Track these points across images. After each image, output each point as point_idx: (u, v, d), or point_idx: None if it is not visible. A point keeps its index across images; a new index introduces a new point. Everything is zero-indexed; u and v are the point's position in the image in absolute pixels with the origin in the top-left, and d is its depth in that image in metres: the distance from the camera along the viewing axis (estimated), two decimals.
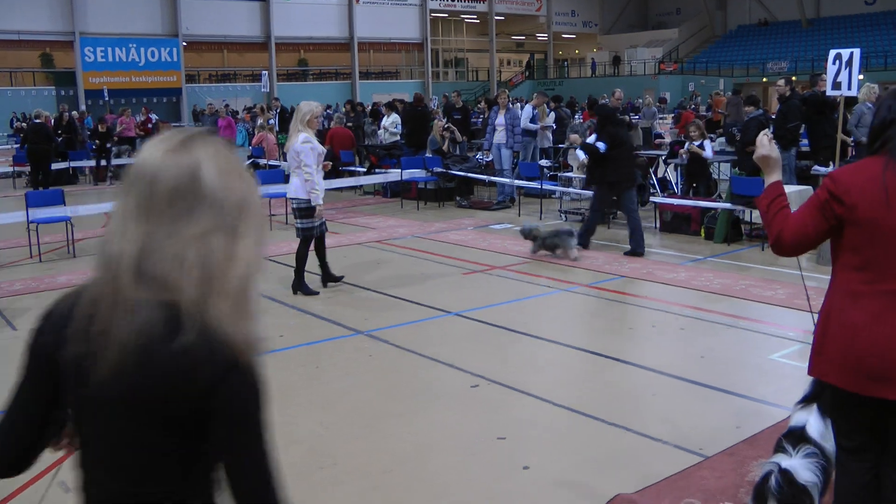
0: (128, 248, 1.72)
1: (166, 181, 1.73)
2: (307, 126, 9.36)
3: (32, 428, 1.94)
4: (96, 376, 1.74)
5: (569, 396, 6.26)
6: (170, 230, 1.72)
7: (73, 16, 45.00)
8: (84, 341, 1.75)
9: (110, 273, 1.74)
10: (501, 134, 16.63)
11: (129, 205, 1.75)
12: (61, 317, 1.83)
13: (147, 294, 1.71)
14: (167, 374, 1.71)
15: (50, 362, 1.84)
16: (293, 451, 5.45)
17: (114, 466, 1.82)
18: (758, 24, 61.77)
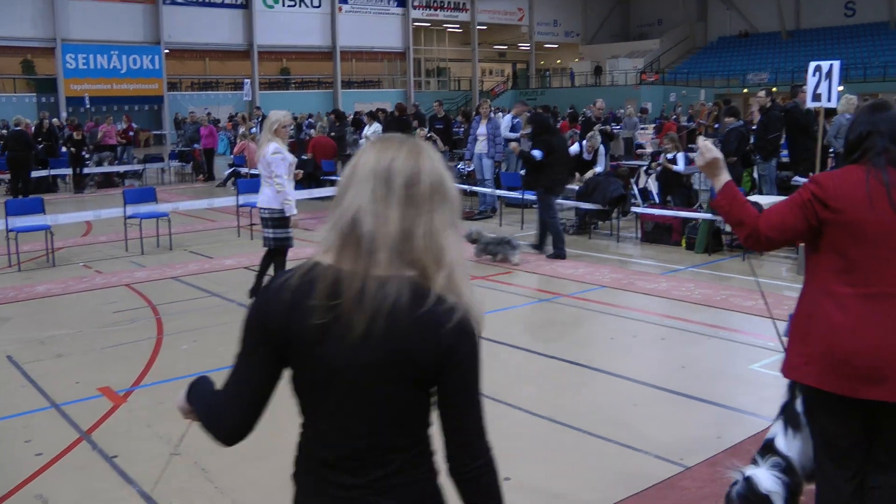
0: (385, 230, 2.01)
1: (410, 174, 2.05)
2: (276, 135, 9.31)
3: (258, 396, 2.21)
4: (346, 343, 2.01)
5: (550, 407, 6.27)
6: (413, 216, 2.02)
7: (54, 22, 44.79)
8: (329, 312, 2.01)
9: (364, 250, 2.01)
10: (483, 144, 16.64)
11: (377, 193, 2.03)
12: (286, 292, 2.08)
13: (396, 270, 2.00)
14: (414, 338, 2.00)
15: (273, 334, 2.10)
16: (274, 460, 5.42)
17: (360, 422, 2.08)
18: (738, 36, 62.16)
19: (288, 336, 2.08)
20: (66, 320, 9.40)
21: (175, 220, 14.67)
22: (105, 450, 5.69)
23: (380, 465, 2.11)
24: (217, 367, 7.39)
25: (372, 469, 2.11)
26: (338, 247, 2.07)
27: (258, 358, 2.16)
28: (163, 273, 11.80)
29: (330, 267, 2.06)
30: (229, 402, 2.24)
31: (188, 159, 27.51)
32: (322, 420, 2.17)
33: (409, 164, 2.06)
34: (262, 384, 2.18)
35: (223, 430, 2.26)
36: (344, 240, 2.05)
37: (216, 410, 2.28)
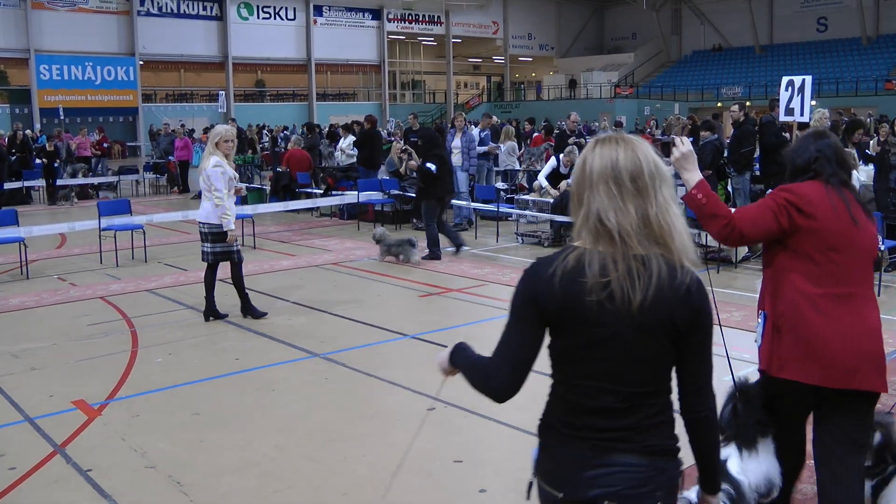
0: (627, 220, 2.45)
1: (632, 169, 2.49)
2: (217, 149, 9.28)
3: (525, 358, 2.66)
4: (623, 311, 2.44)
5: (526, 419, 6.24)
6: (645, 203, 2.47)
7: (28, 33, 44.60)
8: (603, 288, 2.43)
9: (617, 238, 2.45)
10: (457, 157, 16.69)
11: (611, 192, 2.47)
12: (556, 274, 2.49)
13: (646, 249, 2.46)
14: (675, 303, 2.47)
15: (544, 308, 2.53)
16: (248, 473, 5.44)
17: (630, 375, 2.52)
18: (712, 50, 62.70)
19: (562, 310, 2.50)
20: (39, 333, 9.34)
21: (150, 233, 14.62)
22: (79, 463, 5.66)
23: (641, 409, 2.55)
24: (192, 380, 7.42)
25: (635, 413, 2.54)
26: (592, 240, 2.50)
27: (527, 326, 2.60)
28: (137, 286, 11.75)
29: (594, 251, 2.48)
30: (501, 363, 2.71)
31: (163, 171, 27.42)
32: (592, 377, 2.55)
33: (629, 160, 2.50)
34: (529, 348, 2.64)
35: (496, 389, 2.75)
36: (596, 234, 2.48)
37: (487, 371, 2.77)
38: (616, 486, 2.51)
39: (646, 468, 2.53)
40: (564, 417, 2.70)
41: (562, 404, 2.72)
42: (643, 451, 2.54)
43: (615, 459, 2.53)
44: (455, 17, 62.12)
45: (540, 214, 14.90)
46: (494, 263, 12.93)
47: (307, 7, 54.76)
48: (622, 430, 2.53)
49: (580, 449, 2.59)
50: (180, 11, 50.25)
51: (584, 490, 2.55)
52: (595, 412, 2.57)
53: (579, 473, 2.57)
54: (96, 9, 47.15)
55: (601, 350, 2.51)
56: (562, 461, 2.68)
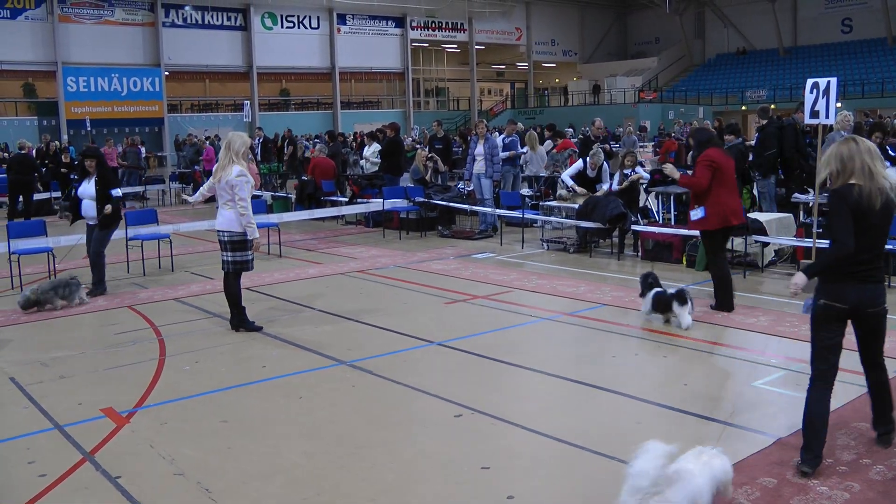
0: (876, 170, 5.20)
1: (870, 147, 5.29)
2: (241, 159, 9.32)
3: (852, 234, 5.15)
4: (878, 210, 5.17)
5: (552, 425, 6.27)
6: (876, 163, 5.23)
7: (55, 46, 45.02)
8: (871, 199, 5.13)
9: (873, 178, 5.16)
10: (481, 163, 16.69)
11: (867, 157, 5.19)
12: (856, 193, 5.15)
13: (881, 183, 5.19)
14: (891, 205, 5.27)
15: (851, 209, 5.13)
16: (276, 480, 5.44)
17: (877, 242, 5.29)
18: (736, 53, 62.40)
19: (858, 208, 5.11)
20: (68, 342, 9.41)
21: (176, 242, 14.72)
22: (108, 470, 5.69)
23: (879, 260, 5.32)
24: (219, 388, 7.44)
25: (876, 262, 5.29)
26: (865, 179, 5.14)
27: (848, 217, 5.10)
28: (164, 294, 11.82)
29: (865, 185, 5.15)
30: (845, 237, 5.11)
31: (189, 181, 27.57)
32: (861, 247, 5.13)
33: (865, 144, 5.25)
34: (849, 228, 5.11)
35: (847, 250, 5.11)
36: (866, 177, 5.15)
37: (839, 248, 5.13)
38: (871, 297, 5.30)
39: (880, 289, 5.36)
40: (848, 267, 5.18)
41: (846, 259, 5.13)
42: (877, 281, 5.32)
43: (868, 287, 5.27)
44: (478, 24, 62.16)
45: (565, 220, 14.86)
46: (520, 270, 12.91)
47: (331, 16, 54.96)
48: (872, 272, 5.26)
49: (855, 281, 5.22)
50: (205, 22, 50.56)
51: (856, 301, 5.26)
52: (860, 263, 5.19)
53: (855, 293, 5.24)
54: (122, 21, 47.54)
55: (870, 231, 5.16)
56: (843, 288, 5.24)
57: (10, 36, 43.90)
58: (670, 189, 15.30)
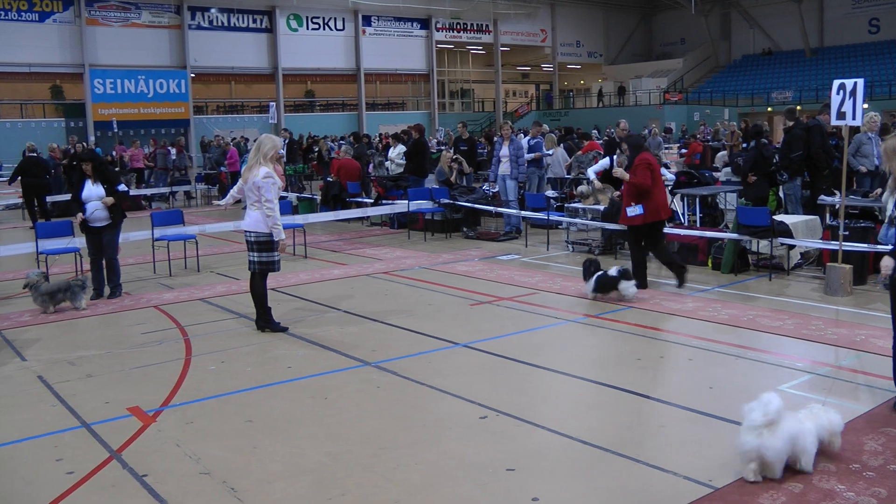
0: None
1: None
2: (269, 161, 9.36)
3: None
4: None
5: (578, 427, 6.26)
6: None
7: (82, 48, 45.40)
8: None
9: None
10: (506, 165, 16.68)
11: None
12: None
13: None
14: None
15: None
16: (302, 480, 5.46)
17: None
18: (762, 54, 62.07)
19: None
20: (95, 341, 9.49)
21: (202, 243, 14.80)
22: (135, 469, 5.73)
23: None
24: (245, 388, 7.48)
25: None
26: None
27: None
28: (190, 295, 11.88)
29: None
30: None
31: (214, 182, 27.72)
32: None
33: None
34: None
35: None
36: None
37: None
38: None
39: None
40: None
41: None
42: None
43: None
44: (503, 25, 62.16)
45: (591, 223, 14.83)
46: (545, 272, 12.89)
47: (356, 18, 55.10)
48: None
49: None
50: (230, 24, 50.82)
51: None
52: None
53: None
54: (148, 23, 47.87)
55: None
56: None
57: (39, 39, 44.32)
58: (696, 191, 15.24)
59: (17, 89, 45.88)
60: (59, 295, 11.08)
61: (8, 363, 8.66)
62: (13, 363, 8.64)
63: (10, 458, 6.12)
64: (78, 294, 11.14)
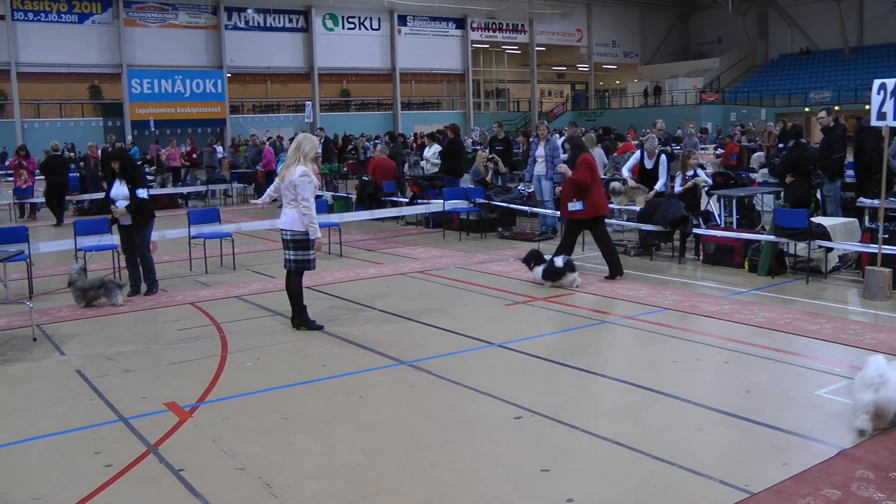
0: None
1: None
2: (308, 161, 9.40)
3: None
4: None
5: (613, 429, 6.23)
6: None
7: (120, 49, 45.89)
8: None
9: None
10: (542, 165, 16.66)
11: None
12: None
13: None
14: None
15: None
16: (336, 478, 5.48)
17: None
18: (800, 53, 61.52)
19: None
20: (132, 337, 9.58)
21: (238, 241, 14.89)
22: (172, 463, 5.78)
23: None
24: (280, 385, 7.52)
25: None
26: None
27: None
28: (226, 292, 11.96)
29: None
30: None
31: (250, 181, 27.88)
32: None
33: None
34: None
35: None
36: None
37: None
38: None
39: None
40: None
41: None
42: None
43: None
44: (539, 25, 62.08)
45: (626, 223, 14.76)
46: (580, 272, 12.83)
47: (391, 17, 55.25)
48: None
49: None
50: (266, 24, 51.13)
51: None
52: None
53: None
54: (185, 24, 48.32)
55: None
56: None
57: (78, 40, 44.91)
58: (733, 192, 15.13)
59: (56, 89, 46.44)
60: (95, 291, 11.22)
61: (47, 357, 8.77)
62: (53, 357, 8.75)
63: (50, 450, 6.20)
64: (114, 290, 11.25)
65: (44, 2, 44.29)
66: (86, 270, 11.64)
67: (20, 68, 44.01)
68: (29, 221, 22.07)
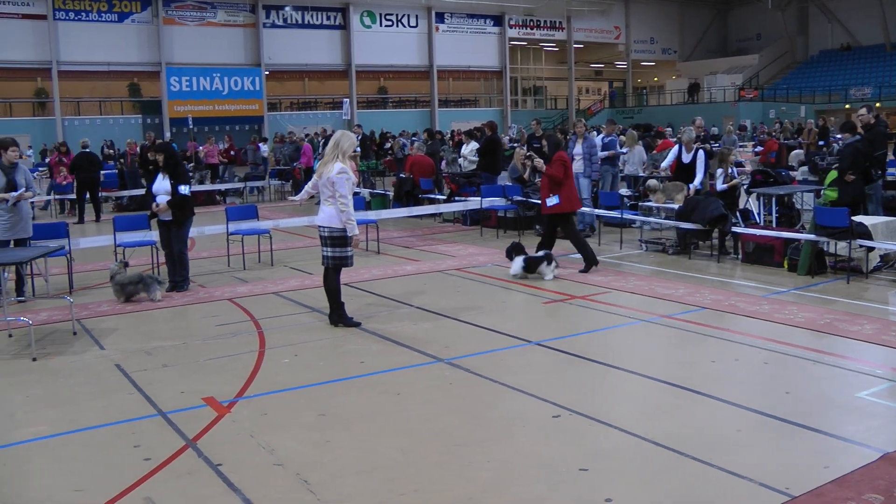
0: None
1: None
2: (346, 158, 9.41)
3: None
4: None
5: (652, 429, 6.19)
6: None
7: (159, 47, 46.30)
8: None
9: None
10: (579, 163, 16.58)
11: None
12: None
13: None
14: None
15: None
16: (374, 475, 5.48)
17: None
18: (840, 49, 60.79)
19: None
20: (170, 332, 9.65)
21: (276, 237, 14.96)
22: (210, 458, 5.81)
23: None
24: (318, 382, 7.54)
25: None
26: None
27: None
28: (264, 288, 12.02)
29: None
30: None
31: (288, 178, 28.00)
32: None
33: None
34: None
35: None
36: None
37: None
38: None
39: None
40: None
41: None
42: None
43: None
44: (577, 22, 61.85)
45: (664, 221, 14.66)
46: (618, 271, 12.78)
47: (429, 14, 55.27)
48: None
49: None
50: (304, 22, 51.34)
51: None
52: None
53: None
54: (224, 22, 48.64)
55: None
56: None
57: (117, 38, 45.38)
58: (772, 190, 14.99)
59: (96, 87, 46.89)
60: (134, 286, 11.33)
61: (87, 351, 8.86)
62: (92, 351, 8.84)
63: (91, 442, 6.28)
64: (152, 286, 11.34)
65: (84, 1, 44.79)
66: (127, 265, 11.75)
67: (61, 67, 44.49)
68: (69, 217, 22.28)
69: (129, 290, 11.28)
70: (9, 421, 6.85)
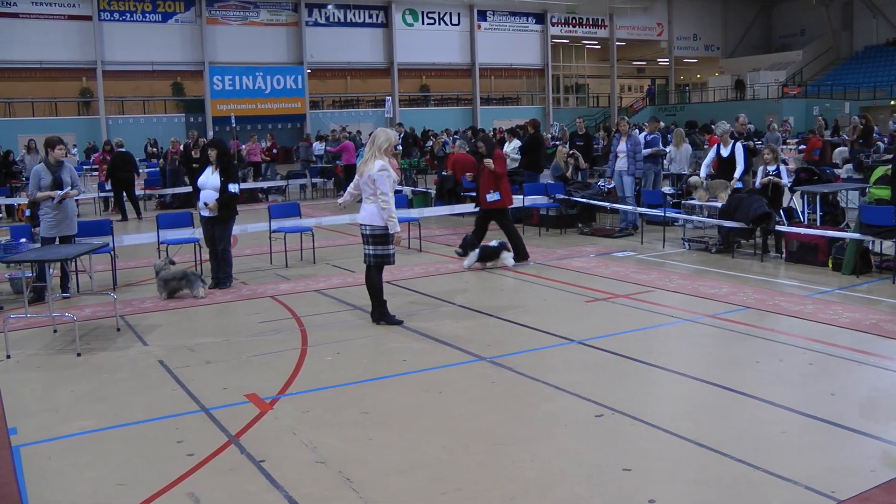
0: None
1: None
2: (384, 154, 9.41)
3: None
4: None
5: (695, 429, 6.14)
6: None
7: (203, 46, 46.66)
8: None
9: None
10: (623, 161, 16.52)
11: None
12: None
13: None
14: None
15: None
16: (417, 474, 5.49)
17: None
18: (885, 45, 59.80)
19: None
20: (213, 329, 9.73)
21: (318, 235, 15.03)
22: (253, 454, 5.85)
23: None
24: (360, 380, 7.56)
25: None
26: None
27: None
28: (307, 286, 12.08)
29: None
30: None
31: (330, 175, 28.10)
32: None
33: None
34: None
35: None
36: None
37: None
38: None
39: None
40: None
41: None
42: None
43: None
44: (619, 19, 61.50)
45: (707, 220, 14.54)
46: (661, 269, 12.70)
47: (471, 12, 55.21)
48: None
49: None
50: (347, 20, 51.47)
51: None
52: None
53: None
54: (266, 22, 48.92)
55: None
56: None
57: (161, 38, 45.83)
58: (816, 188, 14.81)
59: (139, 86, 47.38)
60: (177, 283, 11.44)
61: (131, 347, 8.96)
62: (136, 347, 8.93)
63: (135, 437, 6.34)
64: (195, 283, 11.44)
65: (129, 2, 45.28)
66: (173, 262, 11.86)
67: (105, 66, 44.98)
68: (112, 215, 22.52)
69: (172, 285, 11.39)
70: (54, 415, 6.94)
